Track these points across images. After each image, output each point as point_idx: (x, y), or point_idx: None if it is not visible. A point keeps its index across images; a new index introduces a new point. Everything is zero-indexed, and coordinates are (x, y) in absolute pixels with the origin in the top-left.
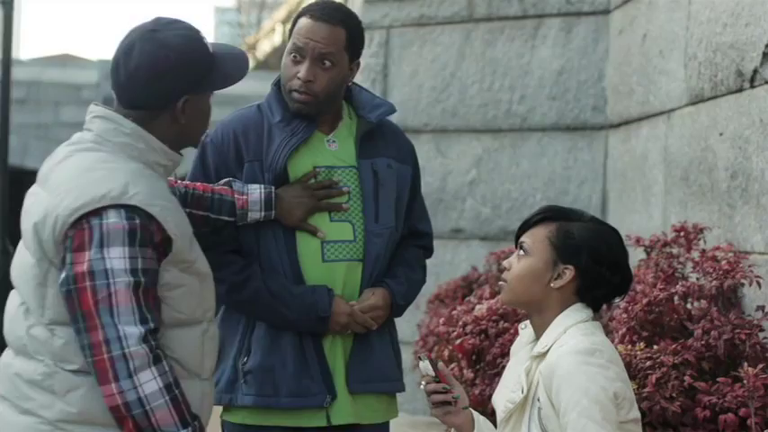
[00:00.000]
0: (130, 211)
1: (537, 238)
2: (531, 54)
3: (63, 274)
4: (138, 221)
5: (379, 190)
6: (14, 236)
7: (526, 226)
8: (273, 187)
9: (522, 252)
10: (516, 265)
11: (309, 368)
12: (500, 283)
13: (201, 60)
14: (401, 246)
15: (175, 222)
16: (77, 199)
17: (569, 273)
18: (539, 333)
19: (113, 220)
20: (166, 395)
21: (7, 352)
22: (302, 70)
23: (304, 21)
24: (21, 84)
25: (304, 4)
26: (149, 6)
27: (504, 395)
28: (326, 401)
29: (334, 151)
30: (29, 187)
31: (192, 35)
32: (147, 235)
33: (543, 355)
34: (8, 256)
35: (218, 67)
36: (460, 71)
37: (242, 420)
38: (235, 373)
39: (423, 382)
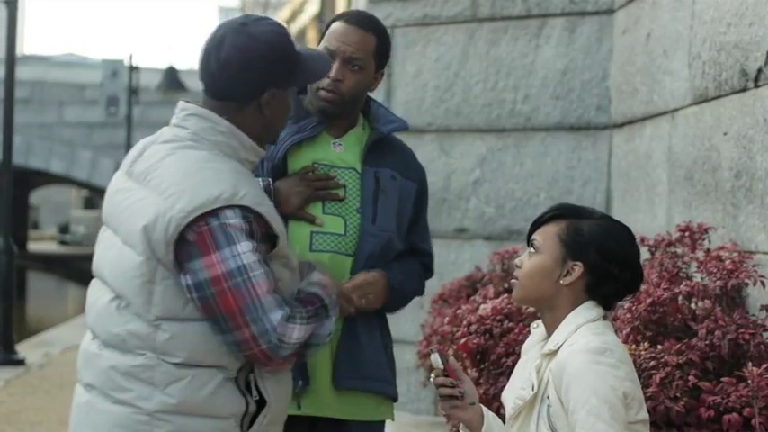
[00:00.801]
0: (244, 210)
1: (547, 236)
2: (534, 54)
3: (191, 281)
4: (251, 220)
5: (379, 194)
6: (18, 234)
7: (538, 224)
8: (271, 179)
9: (532, 250)
10: (527, 262)
11: None
12: (512, 281)
13: (288, 55)
14: (400, 257)
15: (277, 220)
16: (191, 201)
17: (578, 269)
18: (550, 331)
19: (233, 220)
20: (311, 325)
21: (90, 342)
22: (332, 70)
23: (338, 24)
24: (25, 83)
25: (306, 5)
26: (154, 6)
27: (514, 392)
28: (298, 386)
29: (338, 153)
30: (33, 186)
31: (280, 31)
32: (258, 233)
33: (554, 352)
34: (12, 255)
35: (302, 64)
36: (464, 71)
37: None
38: None
39: (432, 375)
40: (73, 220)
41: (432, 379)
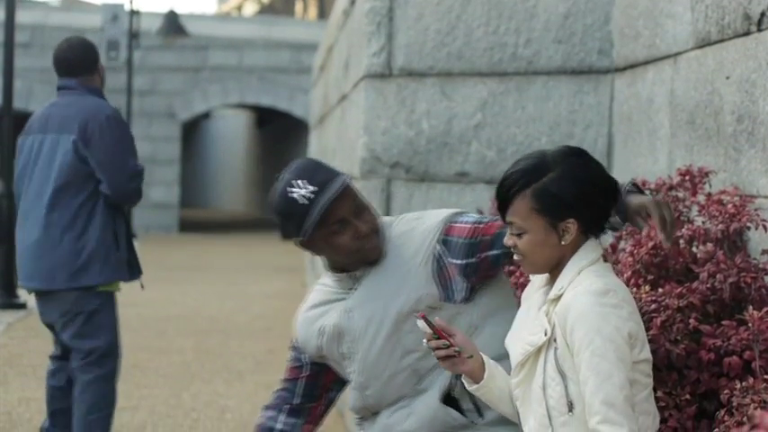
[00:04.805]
0: None
1: (522, 215)
2: None
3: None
4: None
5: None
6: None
7: (505, 204)
8: None
9: (516, 232)
10: (520, 244)
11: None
12: (515, 259)
13: None
14: None
15: None
16: None
17: (573, 226)
18: (555, 277)
19: None
20: None
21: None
22: None
23: None
24: (25, 27)
25: None
26: None
27: (521, 338)
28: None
29: None
30: None
31: None
32: None
33: (559, 297)
34: (12, 199)
35: None
36: (466, 14)
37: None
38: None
39: (424, 340)
40: None
41: (425, 343)
